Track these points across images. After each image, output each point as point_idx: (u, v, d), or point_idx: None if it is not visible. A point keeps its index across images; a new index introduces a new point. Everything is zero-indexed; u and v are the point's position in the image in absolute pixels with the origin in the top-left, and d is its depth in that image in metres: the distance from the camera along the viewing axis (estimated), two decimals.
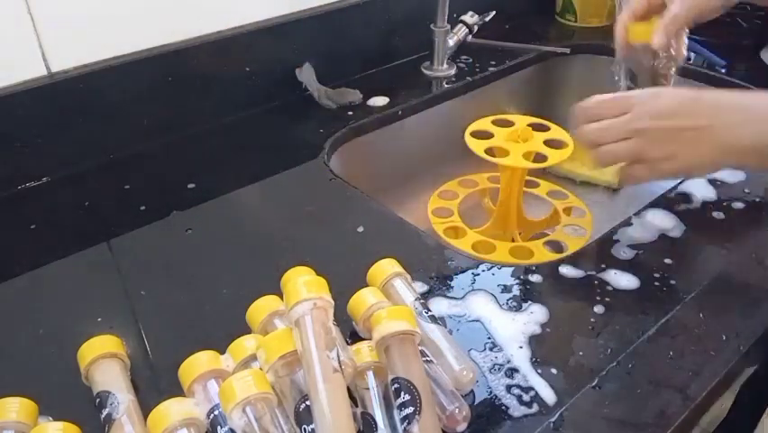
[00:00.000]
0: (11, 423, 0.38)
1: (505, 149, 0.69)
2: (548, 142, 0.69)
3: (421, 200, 0.81)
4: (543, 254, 0.67)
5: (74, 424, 0.38)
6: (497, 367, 0.45)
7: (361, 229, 0.59)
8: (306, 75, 0.80)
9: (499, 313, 0.49)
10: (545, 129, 0.71)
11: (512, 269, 0.54)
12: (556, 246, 0.70)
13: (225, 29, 0.75)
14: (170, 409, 0.38)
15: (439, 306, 0.50)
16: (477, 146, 0.69)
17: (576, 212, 0.78)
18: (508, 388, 0.43)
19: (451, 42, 0.89)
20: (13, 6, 0.61)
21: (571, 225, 0.74)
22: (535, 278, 0.53)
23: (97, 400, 0.40)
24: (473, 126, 0.71)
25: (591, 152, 0.52)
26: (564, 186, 0.83)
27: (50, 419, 0.40)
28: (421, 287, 0.52)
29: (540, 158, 0.68)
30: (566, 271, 0.53)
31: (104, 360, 0.43)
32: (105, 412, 0.40)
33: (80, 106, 0.67)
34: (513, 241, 0.71)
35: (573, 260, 0.55)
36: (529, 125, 0.71)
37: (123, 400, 0.40)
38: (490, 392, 0.43)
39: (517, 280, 0.53)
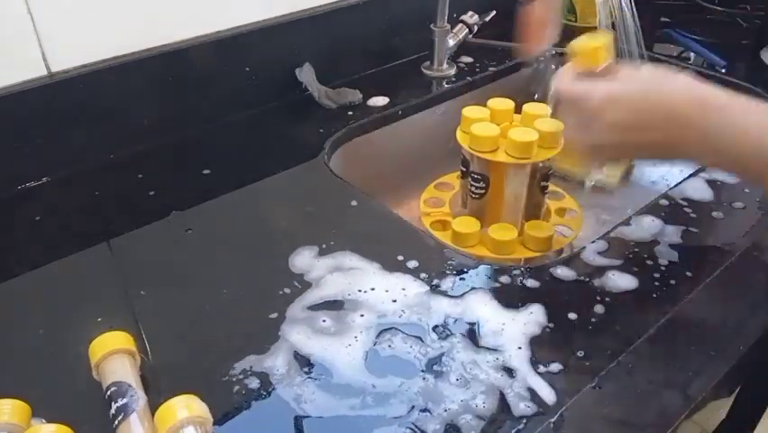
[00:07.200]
0: (3, 424, 0.38)
1: (496, 144, 0.68)
2: (540, 140, 0.67)
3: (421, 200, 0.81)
4: (521, 251, 0.67)
5: (67, 426, 0.38)
6: (496, 367, 0.45)
7: (360, 228, 0.59)
8: (306, 75, 0.80)
9: (499, 313, 0.49)
10: (543, 114, 0.69)
11: (512, 269, 0.54)
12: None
13: (225, 29, 0.75)
14: (177, 406, 0.38)
15: (438, 305, 0.50)
16: (464, 140, 0.68)
17: (569, 213, 0.78)
18: (508, 388, 0.43)
19: (451, 42, 0.89)
20: (13, 6, 0.61)
21: (560, 225, 0.74)
22: (535, 278, 0.53)
23: (112, 389, 0.40)
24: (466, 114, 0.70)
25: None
26: (562, 186, 0.83)
27: (44, 421, 0.40)
28: (421, 286, 0.52)
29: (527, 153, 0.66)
30: (566, 271, 0.53)
31: (121, 354, 0.43)
32: (120, 402, 0.39)
33: (80, 106, 0.67)
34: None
35: (573, 260, 0.55)
36: (528, 114, 0.69)
37: (141, 395, 0.40)
38: (490, 393, 0.43)
39: (517, 281, 0.53)
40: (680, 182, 0.65)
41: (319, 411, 0.42)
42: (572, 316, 0.49)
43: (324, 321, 0.49)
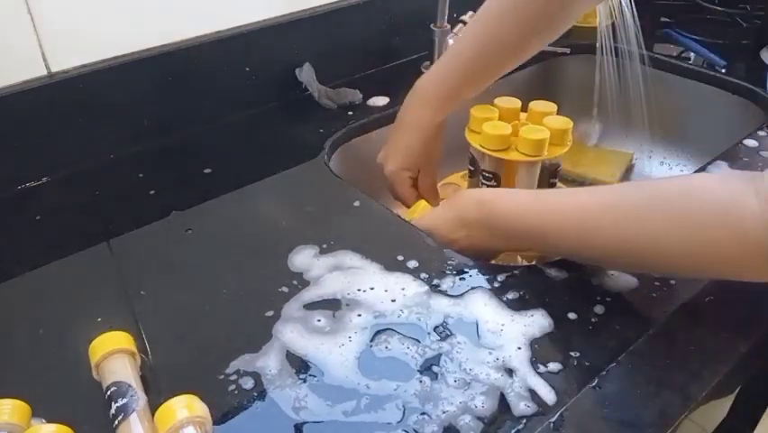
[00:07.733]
0: (3, 424, 0.38)
1: (508, 142, 0.67)
2: (551, 137, 0.67)
3: None
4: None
5: (67, 426, 0.38)
6: (496, 368, 0.45)
7: (360, 228, 0.59)
8: (306, 75, 0.80)
9: (499, 313, 0.49)
10: (550, 112, 0.69)
11: (512, 269, 0.54)
12: None
13: (225, 29, 0.75)
14: (177, 407, 0.38)
15: (438, 305, 0.50)
16: (475, 138, 0.68)
17: None
18: (508, 388, 0.43)
19: (451, 42, 0.89)
20: (13, 6, 0.61)
21: None
22: (535, 278, 0.53)
23: (112, 389, 0.40)
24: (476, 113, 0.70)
25: None
26: (566, 184, 0.83)
27: (44, 421, 0.40)
28: (420, 286, 0.52)
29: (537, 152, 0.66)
30: (566, 270, 0.53)
31: (121, 354, 0.43)
32: (120, 402, 0.39)
33: (80, 106, 0.67)
34: None
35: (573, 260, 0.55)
36: (535, 112, 0.70)
37: (141, 395, 0.40)
38: (490, 393, 0.43)
39: (517, 281, 0.52)
40: None
41: (311, 413, 0.42)
42: (572, 316, 0.49)
43: (318, 321, 0.49)
